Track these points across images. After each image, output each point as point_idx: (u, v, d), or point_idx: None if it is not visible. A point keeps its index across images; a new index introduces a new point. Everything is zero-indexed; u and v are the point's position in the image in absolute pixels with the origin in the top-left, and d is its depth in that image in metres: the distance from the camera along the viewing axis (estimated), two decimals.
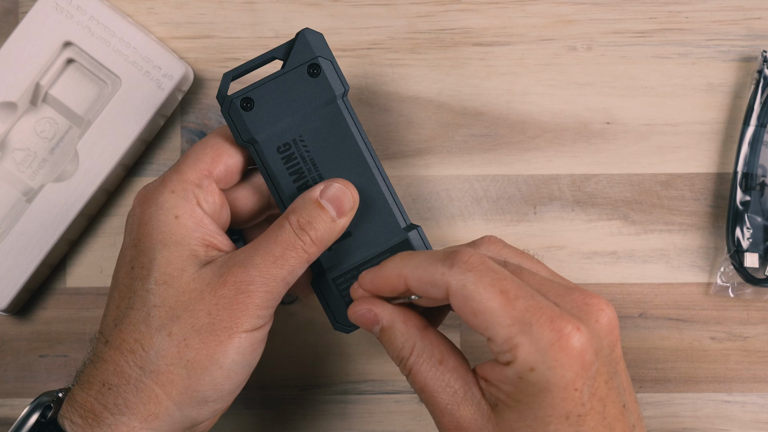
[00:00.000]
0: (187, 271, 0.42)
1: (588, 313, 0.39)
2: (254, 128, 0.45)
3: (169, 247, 0.43)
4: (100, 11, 0.54)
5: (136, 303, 0.42)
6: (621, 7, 0.57)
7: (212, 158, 0.45)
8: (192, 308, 0.42)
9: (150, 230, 0.43)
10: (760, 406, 0.56)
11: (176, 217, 0.43)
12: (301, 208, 0.44)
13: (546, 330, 0.38)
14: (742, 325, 0.57)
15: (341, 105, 0.45)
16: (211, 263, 0.43)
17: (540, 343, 0.38)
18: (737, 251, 0.55)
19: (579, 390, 0.38)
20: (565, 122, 0.57)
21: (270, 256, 0.42)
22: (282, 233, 0.43)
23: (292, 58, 0.45)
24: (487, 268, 0.40)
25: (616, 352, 0.40)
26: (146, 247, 0.43)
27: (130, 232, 0.45)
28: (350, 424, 0.57)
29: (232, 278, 0.42)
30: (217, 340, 0.42)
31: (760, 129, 0.55)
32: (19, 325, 0.57)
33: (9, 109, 0.55)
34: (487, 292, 0.39)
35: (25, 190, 0.56)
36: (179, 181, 0.44)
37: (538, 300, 0.39)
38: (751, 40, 0.57)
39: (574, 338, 0.38)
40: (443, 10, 0.57)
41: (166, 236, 0.43)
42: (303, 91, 0.45)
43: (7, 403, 0.57)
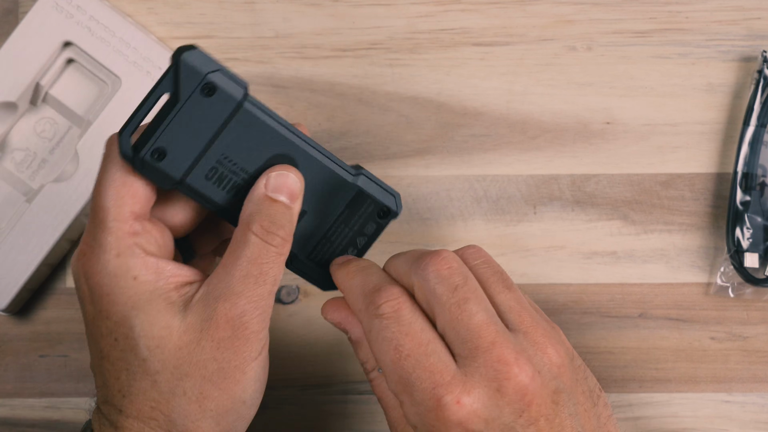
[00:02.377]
0: (173, 326, 0.41)
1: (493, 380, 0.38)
2: (174, 172, 0.41)
3: (142, 309, 0.40)
4: (100, 11, 0.54)
5: (137, 374, 0.41)
6: (621, 7, 0.57)
7: (131, 197, 0.41)
8: (196, 361, 0.41)
9: (115, 299, 0.40)
10: (760, 406, 0.56)
11: (135, 279, 0.40)
12: (257, 212, 0.42)
13: (426, 395, 0.38)
14: (742, 325, 0.57)
15: (248, 107, 0.42)
16: (193, 306, 0.41)
17: (419, 407, 0.39)
18: (737, 251, 0.55)
19: None
20: (565, 122, 0.57)
21: (250, 278, 0.41)
22: (252, 248, 0.41)
23: (182, 88, 0.41)
24: (395, 318, 0.40)
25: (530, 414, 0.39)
26: (120, 317, 0.40)
27: (91, 302, 0.41)
28: (350, 424, 0.57)
29: (223, 317, 0.40)
30: (233, 381, 0.41)
31: (760, 129, 0.55)
32: (19, 325, 0.57)
33: (9, 109, 0.55)
34: (383, 346, 0.40)
35: (25, 190, 0.56)
36: (116, 240, 0.40)
37: (430, 362, 0.39)
38: (751, 40, 0.57)
39: (452, 410, 0.38)
40: (443, 10, 0.57)
41: (133, 300, 0.40)
42: (206, 113, 0.41)
43: (7, 403, 0.57)
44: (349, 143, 0.57)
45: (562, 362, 0.40)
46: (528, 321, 0.41)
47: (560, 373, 0.40)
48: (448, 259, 0.41)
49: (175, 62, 0.40)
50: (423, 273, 0.41)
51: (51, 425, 0.57)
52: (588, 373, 0.43)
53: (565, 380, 0.40)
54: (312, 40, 0.57)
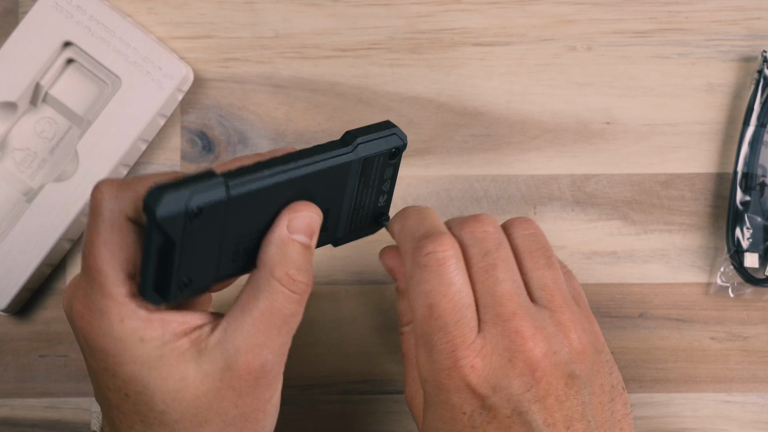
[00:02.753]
0: (188, 377, 0.39)
1: (506, 350, 0.39)
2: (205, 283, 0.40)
3: (153, 367, 0.38)
4: (100, 11, 0.54)
5: (154, 425, 0.39)
6: (621, 7, 0.57)
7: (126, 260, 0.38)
8: (216, 408, 0.39)
9: (121, 360, 0.38)
10: (760, 406, 0.56)
11: (141, 340, 0.38)
12: (281, 256, 0.40)
13: (443, 355, 0.39)
14: (742, 325, 0.57)
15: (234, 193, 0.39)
16: (208, 353, 0.39)
17: (434, 364, 0.39)
18: (737, 251, 0.55)
19: (468, 415, 0.39)
20: (565, 122, 0.57)
21: (273, 328, 0.39)
22: (275, 296, 0.39)
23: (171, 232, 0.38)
24: (437, 272, 0.40)
25: (537, 391, 0.39)
26: (130, 376, 0.39)
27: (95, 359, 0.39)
28: (350, 424, 0.57)
29: (244, 369, 0.39)
30: (254, 422, 0.41)
31: (760, 129, 0.55)
32: (19, 325, 0.57)
33: (9, 109, 0.55)
34: (419, 299, 0.40)
35: (25, 190, 0.56)
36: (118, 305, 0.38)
37: (457, 328, 0.39)
38: (751, 40, 0.57)
39: (465, 372, 0.38)
40: (443, 10, 0.57)
41: (142, 360, 0.38)
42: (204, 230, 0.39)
43: (7, 403, 0.57)
44: None
45: (583, 349, 0.40)
46: (558, 301, 0.41)
47: (579, 359, 0.40)
48: (485, 223, 0.41)
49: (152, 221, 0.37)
50: (459, 233, 0.41)
51: (51, 425, 0.57)
52: (614, 369, 0.43)
53: (582, 367, 0.40)
54: (312, 40, 0.57)
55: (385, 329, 0.57)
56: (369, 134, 0.44)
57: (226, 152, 0.57)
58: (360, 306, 0.56)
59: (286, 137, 0.57)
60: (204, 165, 0.57)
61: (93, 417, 0.57)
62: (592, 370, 0.41)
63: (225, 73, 0.57)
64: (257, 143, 0.57)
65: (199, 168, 0.57)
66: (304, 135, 0.57)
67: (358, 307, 0.56)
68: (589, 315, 0.43)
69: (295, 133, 0.57)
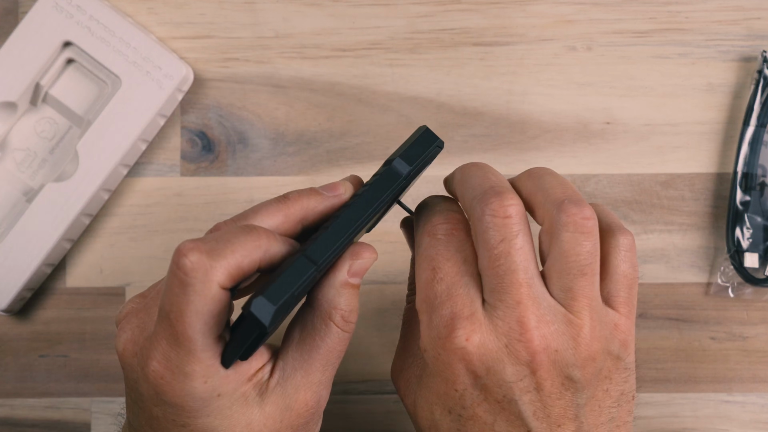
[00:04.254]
0: (253, 421, 0.39)
1: (506, 334, 0.38)
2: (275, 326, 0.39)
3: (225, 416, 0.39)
4: (100, 11, 0.54)
5: None
6: (621, 7, 0.57)
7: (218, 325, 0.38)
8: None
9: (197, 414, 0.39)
10: (760, 406, 0.56)
11: (219, 396, 0.39)
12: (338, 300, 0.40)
13: (442, 324, 0.38)
14: (742, 325, 0.57)
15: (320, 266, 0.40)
16: (270, 395, 0.40)
17: (433, 331, 0.39)
18: (737, 251, 0.55)
19: (459, 392, 0.39)
20: (565, 122, 0.57)
21: (328, 366, 0.41)
22: (333, 338, 0.40)
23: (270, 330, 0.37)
24: (443, 242, 0.40)
25: (529, 382, 0.38)
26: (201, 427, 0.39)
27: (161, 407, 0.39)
28: (350, 424, 0.57)
29: (303, 407, 0.40)
30: None
31: (760, 129, 0.55)
32: (19, 325, 0.57)
33: (9, 109, 0.55)
34: (424, 263, 0.40)
35: (25, 190, 0.56)
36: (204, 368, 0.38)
37: (458, 293, 0.39)
38: (751, 40, 0.57)
39: (460, 343, 0.38)
40: (443, 10, 0.57)
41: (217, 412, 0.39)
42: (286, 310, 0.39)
43: (7, 403, 0.57)
44: (349, 143, 0.57)
45: (591, 355, 0.39)
46: (580, 304, 0.39)
47: (582, 365, 0.39)
48: (510, 207, 0.39)
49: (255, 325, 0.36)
50: (480, 211, 0.39)
51: (51, 425, 0.57)
52: (631, 378, 0.42)
53: (584, 373, 0.39)
54: (312, 40, 0.57)
55: (385, 329, 0.57)
56: (408, 146, 0.42)
57: (226, 152, 0.57)
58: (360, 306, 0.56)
59: (286, 137, 0.57)
60: (204, 165, 0.57)
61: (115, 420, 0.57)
62: (597, 377, 0.40)
63: (225, 73, 0.57)
64: (257, 143, 0.57)
65: (198, 167, 0.57)
66: (304, 135, 0.57)
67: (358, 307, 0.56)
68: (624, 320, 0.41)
69: (295, 133, 0.57)
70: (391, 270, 0.56)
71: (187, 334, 0.37)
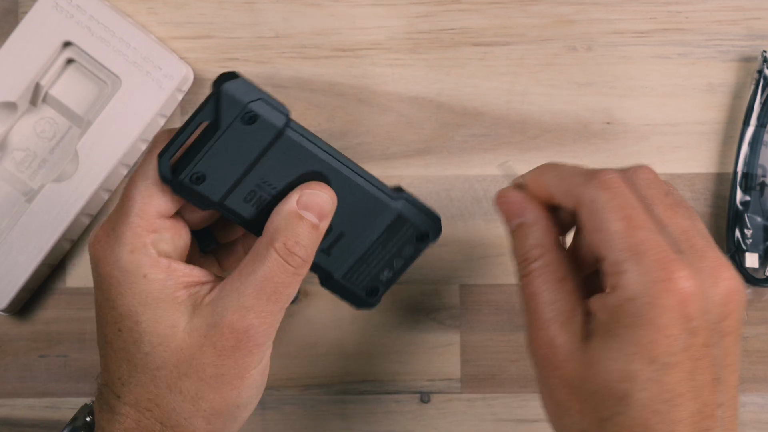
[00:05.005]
0: (178, 326, 0.41)
1: (710, 274, 0.38)
2: (213, 196, 0.42)
3: (150, 306, 0.41)
4: (100, 11, 0.54)
5: (138, 367, 0.41)
6: (621, 7, 0.57)
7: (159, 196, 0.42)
8: (196, 363, 0.41)
9: (122, 292, 0.41)
10: (760, 406, 0.56)
11: (144, 276, 0.41)
12: (284, 228, 0.42)
13: (656, 266, 0.37)
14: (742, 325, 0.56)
15: (289, 133, 0.42)
16: (201, 309, 0.41)
17: (647, 276, 0.37)
18: (737, 251, 0.55)
19: (672, 338, 0.37)
20: (565, 122, 0.57)
21: (263, 294, 0.41)
22: (270, 264, 0.41)
23: (223, 117, 0.41)
24: (621, 192, 0.39)
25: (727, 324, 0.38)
26: (126, 310, 0.41)
27: (100, 289, 0.43)
28: (350, 424, 0.57)
29: (228, 328, 0.41)
30: (230, 387, 0.42)
31: (760, 129, 0.55)
32: (19, 325, 0.57)
33: (9, 109, 0.55)
34: (613, 213, 0.39)
35: (25, 190, 0.56)
36: (133, 236, 0.41)
37: (659, 238, 0.38)
38: (751, 40, 0.57)
39: (682, 284, 0.37)
40: (443, 10, 0.57)
41: (142, 297, 0.41)
42: (247, 140, 0.41)
43: (7, 403, 0.57)
44: (349, 143, 0.57)
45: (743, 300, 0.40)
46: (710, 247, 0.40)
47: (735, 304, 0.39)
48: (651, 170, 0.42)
49: (216, 91, 0.41)
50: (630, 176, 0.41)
51: (51, 425, 0.57)
52: None
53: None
54: (312, 40, 0.57)
55: (385, 329, 0.57)
56: (417, 202, 0.46)
57: None
58: None
59: None
60: None
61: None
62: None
63: None
64: None
65: None
66: None
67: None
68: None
69: None
70: None
71: (130, 195, 0.41)
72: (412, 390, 0.57)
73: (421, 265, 0.56)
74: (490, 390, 0.57)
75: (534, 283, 0.41)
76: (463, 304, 0.57)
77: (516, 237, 0.43)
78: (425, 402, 0.57)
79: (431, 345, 0.57)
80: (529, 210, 0.43)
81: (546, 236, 0.42)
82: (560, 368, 0.39)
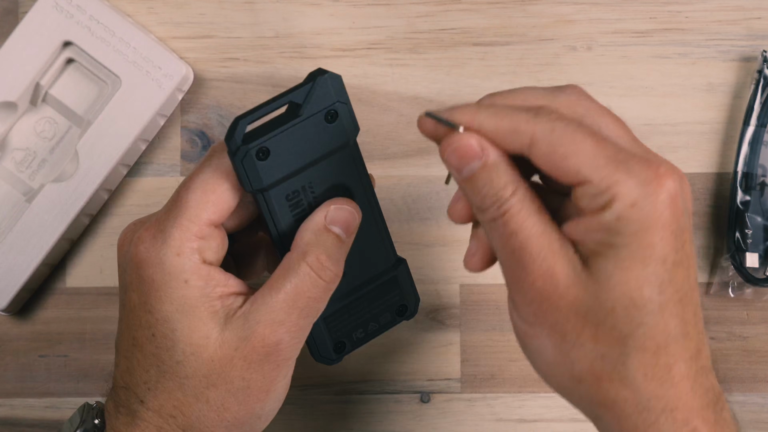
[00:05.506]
0: (211, 337, 0.41)
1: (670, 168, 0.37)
2: (267, 178, 0.41)
3: (187, 314, 0.41)
4: (100, 11, 0.54)
5: (167, 373, 0.41)
6: (621, 7, 0.57)
7: (214, 203, 0.41)
8: (225, 374, 0.41)
9: (162, 296, 0.41)
10: (760, 406, 0.56)
11: (186, 282, 0.41)
12: (314, 242, 0.42)
13: (644, 167, 0.36)
14: (742, 325, 0.56)
15: (352, 149, 0.43)
16: (233, 321, 0.41)
17: (640, 177, 0.36)
18: (737, 251, 0.55)
19: (674, 234, 0.36)
20: None
21: (295, 309, 0.41)
22: (303, 279, 0.41)
23: (311, 104, 0.41)
24: (570, 115, 0.38)
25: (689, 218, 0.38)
26: (163, 316, 0.41)
27: (137, 291, 0.42)
28: (350, 424, 0.57)
29: (260, 342, 0.41)
30: (255, 399, 0.42)
31: (760, 129, 0.55)
32: (19, 325, 0.57)
33: (9, 109, 0.55)
34: (578, 134, 0.37)
35: (25, 190, 0.56)
36: (182, 240, 0.41)
37: (625, 143, 0.38)
38: (751, 40, 0.57)
39: (670, 178, 0.37)
40: (443, 10, 0.57)
41: (180, 303, 0.41)
42: (318, 137, 0.41)
43: (7, 403, 0.57)
44: None
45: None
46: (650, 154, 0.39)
47: None
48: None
49: (314, 79, 0.41)
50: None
51: (51, 425, 0.57)
52: None
53: None
54: (312, 40, 0.57)
55: None
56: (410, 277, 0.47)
57: None
58: None
59: None
60: None
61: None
62: None
63: (225, 73, 0.57)
64: None
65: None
66: None
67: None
68: None
69: None
70: None
71: (184, 198, 0.41)
72: (412, 390, 0.57)
73: (421, 265, 0.56)
74: (490, 390, 0.57)
75: (515, 219, 0.38)
76: (463, 304, 0.57)
77: (478, 181, 0.39)
78: (425, 402, 0.57)
79: (431, 345, 0.57)
80: (488, 149, 0.39)
81: (514, 170, 0.39)
82: (565, 297, 0.37)
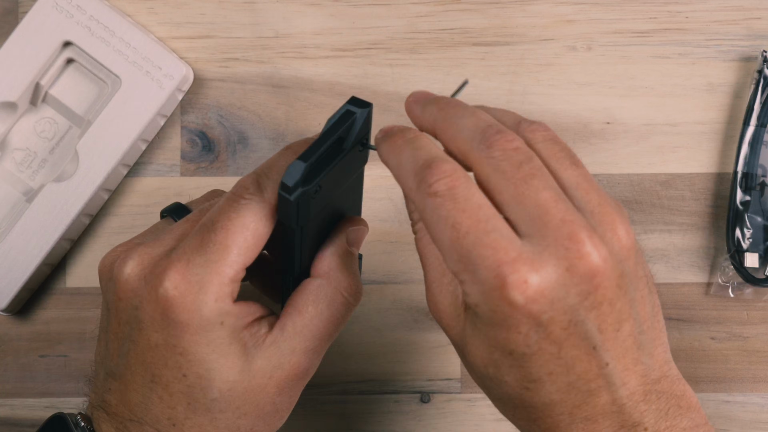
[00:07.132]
0: (245, 371, 0.40)
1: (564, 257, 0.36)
2: (313, 212, 0.40)
3: (222, 353, 0.40)
4: (100, 11, 0.54)
5: (199, 410, 0.40)
6: (621, 7, 0.57)
7: (253, 250, 0.40)
8: (257, 402, 0.41)
9: (198, 340, 0.39)
10: (760, 406, 0.56)
11: (221, 324, 0.40)
12: (341, 268, 0.42)
13: (490, 274, 0.35)
14: (742, 325, 0.57)
15: (363, 169, 0.43)
16: (264, 350, 0.41)
17: (483, 285, 0.36)
18: (737, 251, 0.55)
19: (523, 334, 0.36)
20: (565, 122, 0.57)
21: (326, 335, 0.41)
22: (338, 307, 0.42)
23: (354, 137, 0.40)
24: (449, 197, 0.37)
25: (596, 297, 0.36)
26: (198, 357, 0.40)
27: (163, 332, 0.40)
28: (350, 424, 0.57)
29: (294, 368, 0.41)
30: (279, 417, 0.42)
31: (760, 129, 0.55)
32: (19, 325, 0.57)
33: (9, 109, 0.55)
34: (440, 225, 0.36)
35: (25, 190, 0.56)
36: (221, 285, 0.39)
37: (491, 238, 0.36)
38: (751, 40, 0.57)
39: (519, 289, 0.35)
40: (443, 10, 0.57)
41: (216, 344, 0.40)
42: (350, 165, 0.41)
43: (7, 403, 0.57)
44: None
45: (631, 245, 0.37)
46: (596, 199, 0.38)
47: (628, 257, 0.37)
48: (512, 139, 0.38)
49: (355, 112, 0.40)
50: (489, 151, 0.37)
51: None
52: (644, 259, 0.41)
53: (630, 264, 0.37)
54: (312, 40, 0.57)
55: (385, 329, 0.57)
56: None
57: (226, 152, 0.57)
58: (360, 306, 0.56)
59: (286, 137, 0.57)
60: (204, 165, 0.57)
61: None
62: (636, 264, 0.38)
63: (225, 73, 0.57)
64: (257, 143, 0.57)
65: (198, 167, 0.57)
66: (304, 135, 0.57)
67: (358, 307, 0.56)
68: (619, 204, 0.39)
69: (295, 133, 0.57)
70: (392, 270, 0.56)
71: (224, 243, 0.39)
72: (412, 390, 0.57)
73: (421, 265, 0.56)
74: None
75: (420, 242, 0.41)
76: None
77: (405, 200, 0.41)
78: (425, 402, 0.57)
79: (431, 345, 0.57)
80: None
81: None
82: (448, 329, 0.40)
